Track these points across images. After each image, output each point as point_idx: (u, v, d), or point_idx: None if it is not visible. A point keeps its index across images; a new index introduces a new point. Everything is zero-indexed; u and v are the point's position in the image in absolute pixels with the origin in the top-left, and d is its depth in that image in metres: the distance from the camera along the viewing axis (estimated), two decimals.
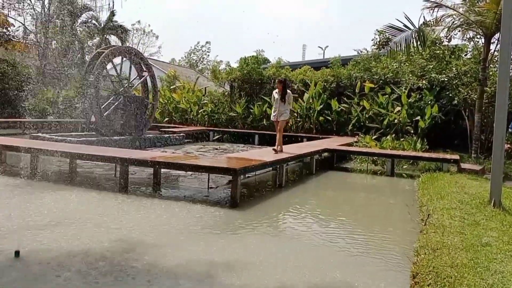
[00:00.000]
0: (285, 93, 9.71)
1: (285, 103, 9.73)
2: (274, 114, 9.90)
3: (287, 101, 9.75)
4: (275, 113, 9.85)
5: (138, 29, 46.45)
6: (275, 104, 9.84)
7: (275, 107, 9.84)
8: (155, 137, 15.53)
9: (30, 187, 7.52)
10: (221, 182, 8.80)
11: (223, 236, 5.34)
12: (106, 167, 9.60)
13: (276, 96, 9.82)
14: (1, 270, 3.93)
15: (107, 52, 14.02)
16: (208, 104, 20.67)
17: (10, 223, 5.22)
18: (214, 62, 53.89)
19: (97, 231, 5.17)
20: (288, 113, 9.96)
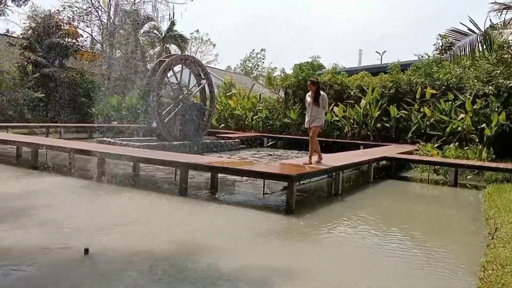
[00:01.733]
0: (318, 95, 8.64)
1: (319, 107, 8.67)
2: (307, 120, 8.91)
3: (321, 105, 8.66)
4: (308, 118, 8.86)
5: (197, 38, 47.91)
6: (308, 109, 8.87)
7: (308, 112, 8.86)
8: (212, 142, 15.91)
9: (97, 188, 7.99)
10: (276, 188, 8.84)
11: (279, 242, 5.37)
12: (167, 170, 9.97)
13: (309, 99, 8.83)
14: (71, 266, 4.22)
15: (168, 61, 14.60)
16: (263, 110, 20.85)
17: (80, 223, 5.58)
18: (269, 69, 54.32)
19: (159, 232, 5.39)
20: (323, 118, 8.84)
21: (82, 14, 26.96)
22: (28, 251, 4.46)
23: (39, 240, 4.81)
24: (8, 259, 4.22)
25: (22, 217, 5.73)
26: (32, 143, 10.42)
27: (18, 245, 4.62)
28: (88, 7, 26.89)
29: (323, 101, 8.70)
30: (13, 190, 7.40)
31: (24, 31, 23.06)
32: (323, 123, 8.87)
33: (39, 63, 21.52)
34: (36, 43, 21.96)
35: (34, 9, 23.41)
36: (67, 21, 25.62)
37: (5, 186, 7.74)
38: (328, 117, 17.85)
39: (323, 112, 8.78)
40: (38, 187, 7.77)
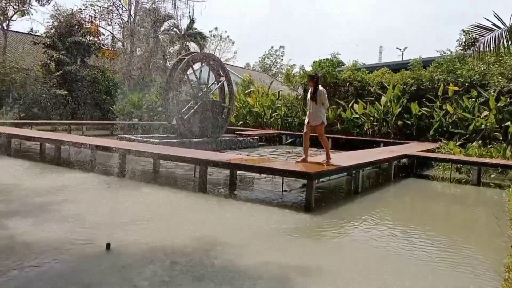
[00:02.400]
0: (316, 91, 8.15)
1: (317, 104, 8.15)
2: (307, 117, 8.53)
3: (319, 101, 8.14)
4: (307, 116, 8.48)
5: (216, 36, 48.08)
6: (308, 106, 8.45)
7: (308, 109, 8.47)
8: (231, 140, 15.96)
9: (118, 184, 8.11)
10: (294, 185, 8.82)
11: (298, 240, 5.35)
12: (186, 167, 10.05)
13: (309, 96, 8.39)
14: (94, 260, 4.29)
15: (188, 59, 14.69)
16: (282, 107, 20.80)
17: (102, 218, 5.68)
18: (288, 66, 54.15)
19: (179, 228, 5.44)
20: (322, 115, 8.31)
21: (103, 13, 27.41)
22: (52, 246, 4.55)
23: (62, 235, 4.91)
24: (32, 254, 4.31)
25: (46, 212, 5.85)
26: (55, 139, 10.65)
27: (41, 240, 4.72)
28: (110, 5, 27.33)
29: (321, 97, 8.15)
30: (37, 185, 7.56)
31: (47, 30, 23.55)
32: (323, 120, 8.41)
33: (62, 61, 21.95)
34: (59, 42, 22.40)
35: (57, 8, 23.88)
36: (89, 19, 26.07)
37: (29, 181, 7.92)
38: (348, 114, 17.70)
39: (322, 109, 8.29)
40: (60, 183, 7.93)
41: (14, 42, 25.69)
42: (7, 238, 4.72)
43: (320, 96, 8.14)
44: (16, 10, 23.34)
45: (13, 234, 4.84)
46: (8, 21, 23.23)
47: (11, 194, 6.79)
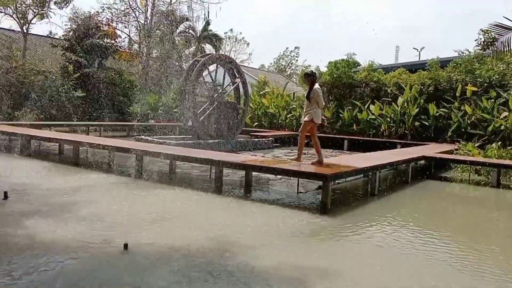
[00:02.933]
0: (311, 89, 8.16)
1: (311, 102, 8.15)
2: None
3: (313, 99, 8.12)
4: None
5: (231, 37, 48.23)
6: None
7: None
8: (246, 141, 15.99)
9: (135, 185, 8.19)
10: (310, 187, 8.78)
11: (314, 242, 5.33)
12: (202, 168, 10.10)
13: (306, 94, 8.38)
14: (112, 260, 4.35)
15: (203, 60, 14.78)
16: (297, 108, 20.74)
17: (119, 218, 5.74)
18: (303, 67, 53.96)
19: (195, 228, 5.47)
20: (314, 113, 8.18)
21: (120, 15, 27.75)
22: (71, 245, 4.62)
23: (81, 234, 4.99)
24: (52, 253, 4.39)
25: (65, 212, 5.95)
26: (73, 140, 10.82)
27: (61, 239, 4.80)
28: (126, 8, 27.65)
29: (315, 95, 8.12)
30: (56, 186, 7.70)
31: (65, 33, 23.96)
32: (313, 118, 8.23)
33: (80, 63, 22.31)
34: (77, 44, 22.76)
35: (75, 11, 24.28)
36: (106, 22, 26.42)
37: (49, 182, 8.06)
38: (364, 115, 17.56)
39: (316, 108, 8.21)
40: (79, 183, 8.05)
41: (34, 45, 26.21)
42: (28, 237, 4.81)
43: (315, 94, 8.13)
44: (35, 13, 23.79)
45: (33, 234, 4.94)
46: (27, 24, 23.70)
47: (32, 194, 6.93)
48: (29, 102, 18.60)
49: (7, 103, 18.09)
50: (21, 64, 20.18)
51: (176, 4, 28.83)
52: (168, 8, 28.34)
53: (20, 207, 6.10)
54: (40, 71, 20.44)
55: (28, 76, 19.52)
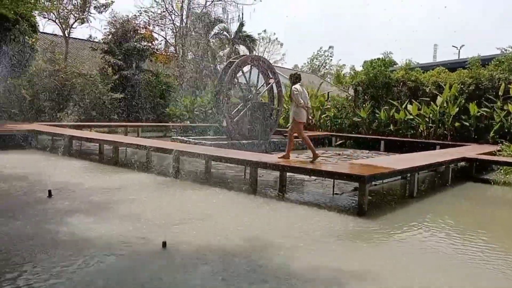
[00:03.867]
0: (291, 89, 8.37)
1: (292, 102, 8.44)
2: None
3: (293, 100, 8.38)
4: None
5: (264, 38, 48.31)
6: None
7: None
8: (279, 141, 15.96)
9: (172, 184, 8.34)
10: (346, 188, 8.66)
11: (351, 244, 5.25)
12: (236, 168, 10.17)
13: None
14: (151, 258, 4.44)
15: (238, 61, 14.88)
16: (331, 109, 20.52)
17: (157, 217, 5.86)
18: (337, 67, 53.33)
19: (231, 228, 5.52)
20: (295, 114, 8.45)
21: (157, 18, 28.37)
22: (111, 243, 4.77)
23: (120, 232, 5.13)
24: (93, 250, 4.54)
25: (105, 210, 6.14)
26: (113, 141, 11.15)
27: (102, 237, 4.96)
28: (163, 11, 28.23)
29: (293, 95, 8.34)
30: (97, 185, 7.96)
31: (104, 36, 24.72)
32: (294, 117, 8.50)
33: (118, 66, 22.95)
34: (116, 47, 23.43)
35: (113, 15, 24.99)
36: (143, 25, 27.09)
37: (90, 181, 8.34)
38: (401, 115, 17.15)
39: (296, 107, 8.41)
40: (118, 182, 8.29)
41: (75, 49, 27.21)
42: (70, 234, 5.00)
43: (293, 94, 8.35)
44: (76, 18, 24.70)
45: (76, 231, 5.12)
46: (69, 29, 24.62)
47: (74, 192, 7.19)
48: (71, 104, 19.32)
49: (50, 105, 18.85)
50: (63, 67, 20.97)
51: (211, 6, 29.18)
52: (203, 10, 28.73)
53: (63, 204, 6.34)
54: (81, 73, 21.17)
55: (69, 79, 20.26)
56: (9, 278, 3.78)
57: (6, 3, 10.91)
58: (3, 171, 8.73)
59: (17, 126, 13.89)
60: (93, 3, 24.40)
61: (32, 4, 13.93)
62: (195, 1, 28.49)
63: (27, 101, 18.08)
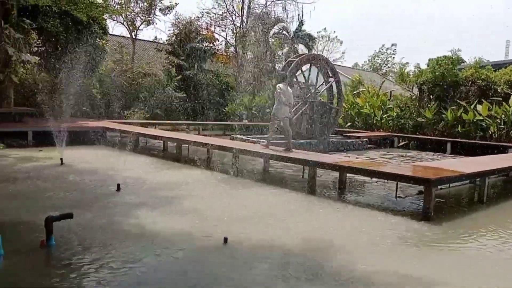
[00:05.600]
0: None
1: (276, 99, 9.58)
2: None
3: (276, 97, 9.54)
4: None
5: (324, 36, 47.66)
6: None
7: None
8: (338, 141, 15.71)
9: (231, 182, 8.48)
10: (409, 192, 8.34)
11: (416, 249, 5.05)
12: (294, 168, 10.14)
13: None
14: (213, 253, 4.56)
15: (297, 61, 14.82)
16: (394, 108, 19.85)
17: (218, 213, 6.00)
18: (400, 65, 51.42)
19: (290, 227, 5.52)
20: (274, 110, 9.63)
21: (218, 19, 28.92)
22: (175, 236, 4.95)
23: (184, 227, 5.31)
24: (158, 243, 4.74)
25: (169, 205, 6.39)
26: (176, 138, 11.56)
27: (166, 230, 5.16)
28: (224, 12, 28.72)
29: (276, 93, 9.53)
30: (161, 180, 8.29)
31: (168, 38, 25.63)
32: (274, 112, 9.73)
33: (181, 66, 23.73)
34: (179, 48, 24.24)
35: (177, 17, 25.86)
36: (205, 26, 27.75)
37: (154, 176, 8.71)
38: (470, 116, 16.23)
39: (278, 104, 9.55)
40: (181, 178, 8.57)
41: (141, 50, 28.46)
42: (138, 227, 5.25)
43: (276, 92, 9.52)
44: (142, 20, 25.82)
45: (142, 224, 5.37)
46: (136, 31, 25.81)
47: (141, 187, 7.54)
48: (138, 102, 20.28)
49: (118, 103, 19.90)
50: (130, 68, 22.07)
51: (271, 6, 29.27)
52: (263, 10, 28.89)
53: (130, 198, 6.68)
54: (146, 73, 22.15)
55: (136, 78, 21.29)
56: (86, 263, 4.06)
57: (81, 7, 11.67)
58: (76, 165, 9.35)
59: (88, 123, 14.81)
60: (158, 5, 25.36)
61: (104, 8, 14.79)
62: (256, 1, 28.73)
63: (97, 100, 19.22)
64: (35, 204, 6.04)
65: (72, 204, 6.06)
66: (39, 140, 12.00)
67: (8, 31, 13.37)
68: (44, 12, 14.95)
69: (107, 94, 19.75)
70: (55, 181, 7.70)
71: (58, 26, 15.59)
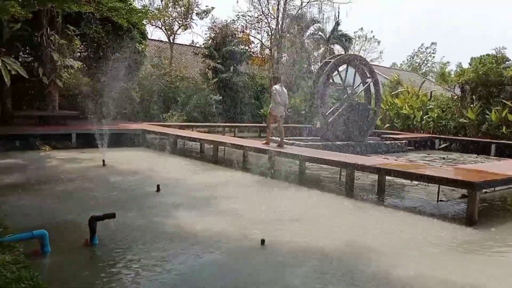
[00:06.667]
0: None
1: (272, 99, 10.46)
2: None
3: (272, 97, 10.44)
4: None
5: (361, 36, 46.87)
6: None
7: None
8: (376, 143, 15.40)
9: (268, 183, 8.48)
10: (451, 195, 8.06)
11: (459, 255, 4.86)
12: (331, 170, 10.01)
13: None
14: (251, 254, 4.58)
15: (334, 61, 14.66)
16: (434, 109, 19.24)
17: (255, 214, 6.02)
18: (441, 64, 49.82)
19: (328, 230, 5.46)
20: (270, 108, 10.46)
21: (253, 22, 29.07)
22: (213, 237, 5.00)
23: (221, 227, 5.36)
24: (198, 243, 4.80)
25: (206, 206, 6.47)
26: (213, 140, 11.69)
27: (204, 230, 5.22)
28: (259, 15, 28.83)
29: (272, 94, 10.40)
30: (198, 181, 8.41)
31: (205, 41, 26.01)
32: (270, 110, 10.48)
33: (218, 69, 24.00)
34: (215, 51, 24.54)
35: (213, 21, 26.21)
36: (240, 29, 27.96)
37: (192, 177, 8.85)
38: None
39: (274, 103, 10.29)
40: (218, 180, 8.66)
41: (178, 54, 29.03)
42: (176, 227, 5.35)
43: (272, 93, 10.39)
44: (180, 24, 26.36)
45: (182, 224, 5.47)
46: (173, 35, 26.37)
47: (178, 188, 7.68)
48: (175, 105, 20.69)
49: (157, 106, 20.37)
50: (168, 71, 22.55)
51: (307, 7, 29.11)
52: (298, 12, 28.79)
53: (169, 199, 6.81)
54: (184, 77, 22.56)
55: (174, 82, 21.73)
56: (128, 262, 4.17)
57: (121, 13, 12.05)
58: (117, 167, 9.64)
59: (129, 125, 15.24)
60: (195, 10, 25.82)
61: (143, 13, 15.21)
62: (291, 3, 28.65)
63: (136, 103, 19.75)
64: (79, 204, 6.27)
65: (114, 204, 6.25)
66: (82, 142, 12.47)
67: (53, 38, 13.98)
68: (87, 19, 15.53)
69: (146, 97, 20.27)
70: (97, 182, 7.98)
71: (99, 32, 16.16)
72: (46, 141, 12.02)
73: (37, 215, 5.58)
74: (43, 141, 11.94)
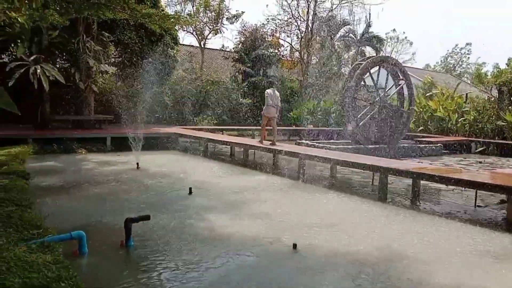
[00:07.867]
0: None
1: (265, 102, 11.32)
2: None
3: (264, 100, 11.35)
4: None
5: (392, 37, 46.05)
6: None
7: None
8: (410, 147, 15.06)
9: (299, 187, 8.46)
10: (490, 200, 7.78)
11: (499, 263, 4.68)
12: (363, 174, 9.88)
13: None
14: (282, 258, 4.57)
15: (365, 64, 14.46)
16: (470, 111, 18.65)
17: (287, 218, 6.01)
18: (476, 65, 48.29)
19: (361, 235, 5.38)
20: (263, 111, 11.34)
21: (283, 25, 29.06)
22: (245, 241, 5.02)
23: (253, 231, 5.37)
24: (230, 246, 4.84)
25: (238, 209, 6.50)
26: (244, 143, 11.75)
27: (236, 234, 5.25)
28: (289, 18, 28.80)
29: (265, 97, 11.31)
30: (230, 184, 8.47)
31: (235, 46, 26.21)
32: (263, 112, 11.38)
33: (247, 73, 24.16)
34: (245, 55, 24.70)
35: (243, 25, 26.38)
36: (270, 33, 28.02)
37: (223, 181, 8.92)
38: None
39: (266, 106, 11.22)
40: (249, 183, 8.70)
41: (209, 58, 29.37)
42: (209, 230, 5.40)
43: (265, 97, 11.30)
44: (211, 29, 26.67)
45: (214, 227, 5.52)
46: (204, 40, 26.71)
47: (210, 191, 7.75)
48: (206, 109, 20.95)
49: (188, 110, 20.69)
50: (199, 76, 22.87)
51: (337, 9, 28.88)
52: (328, 14, 28.59)
53: (201, 201, 6.89)
54: (215, 81, 22.82)
55: (205, 86, 22.01)
56: (162, 265, 4.25)
57: (154, 20, 12.30)
58: (151, 169, 9.84)
59: (161, 129, 15.53)
60: (225, 14, 26.05)
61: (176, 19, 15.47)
62: (321, 5, 28.49)
63: (168, 107, 20.12)
64: (115, 206, 6.44)
65: (148, 206, 6.38)
66: (116, 145, 12.80)
67: (89, 44, 14.45)
68: (121, 25, 15.98)
69: (178, 101, 20.61)
70: (132, 184, 8.16)
71: (133, 38, 16.58)
72: (82, 144, 12.41)
73: (75, 217, 5.76)
74: (79, 144, 12.33)
